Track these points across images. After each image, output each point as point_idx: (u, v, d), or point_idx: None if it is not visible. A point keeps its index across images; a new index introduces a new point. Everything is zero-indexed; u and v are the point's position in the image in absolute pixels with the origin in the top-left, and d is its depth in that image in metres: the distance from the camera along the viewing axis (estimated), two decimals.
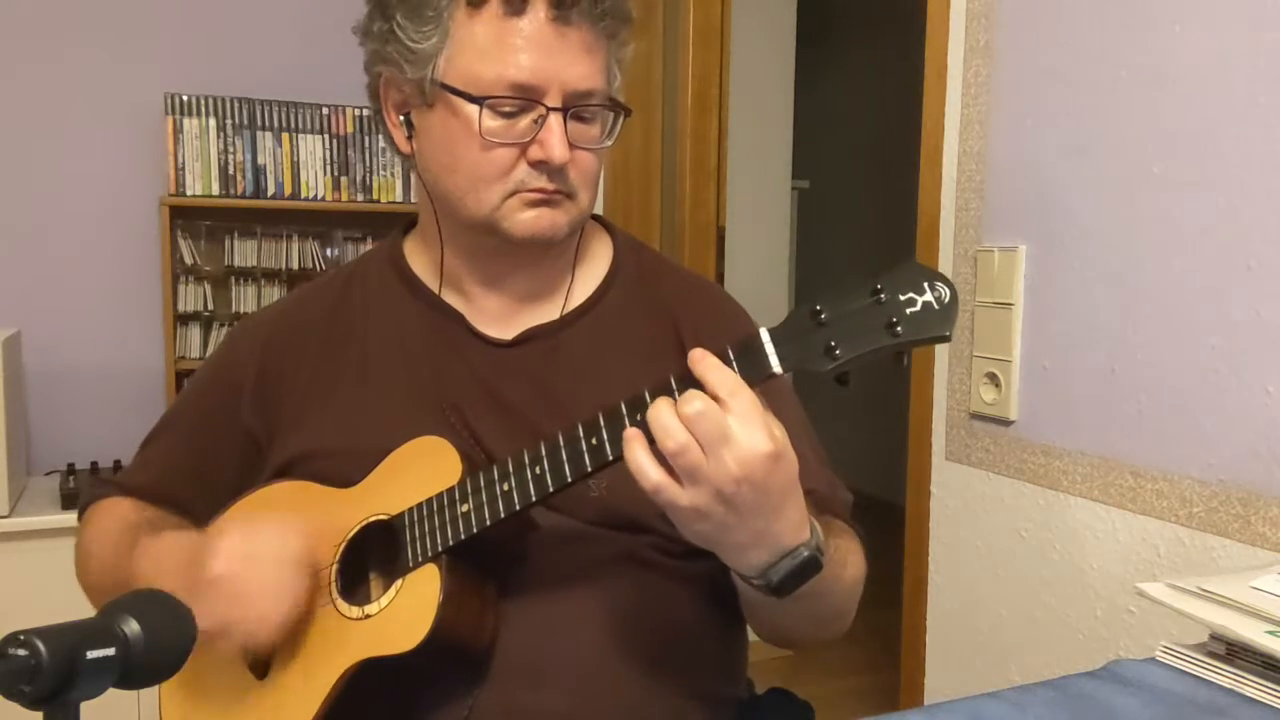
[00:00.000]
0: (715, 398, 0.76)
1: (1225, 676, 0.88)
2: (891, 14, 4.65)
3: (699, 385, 0.80)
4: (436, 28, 0.98)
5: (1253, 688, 0.86)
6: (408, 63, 0.99)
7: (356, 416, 1.05)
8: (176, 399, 1.23)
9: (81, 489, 1.98)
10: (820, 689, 1.41)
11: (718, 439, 0.76)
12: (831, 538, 0.93)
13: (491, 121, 0.97)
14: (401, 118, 1.04)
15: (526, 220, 1.00)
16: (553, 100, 0.97)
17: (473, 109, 0.97)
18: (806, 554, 0.83)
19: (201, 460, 1.13)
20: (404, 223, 1.18)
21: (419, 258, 1.13)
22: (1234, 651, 0.89)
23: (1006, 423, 1.58)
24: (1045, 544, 1.53)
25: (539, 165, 0.98)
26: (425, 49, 0.98)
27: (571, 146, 0.99)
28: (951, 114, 1.66)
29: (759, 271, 3.36)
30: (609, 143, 1.04)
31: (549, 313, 1.08)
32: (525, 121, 0.98)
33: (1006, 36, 1.56)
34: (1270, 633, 0.86)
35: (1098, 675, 0.91)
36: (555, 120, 0.97)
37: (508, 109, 0.97)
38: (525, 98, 0.97)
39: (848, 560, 0.96)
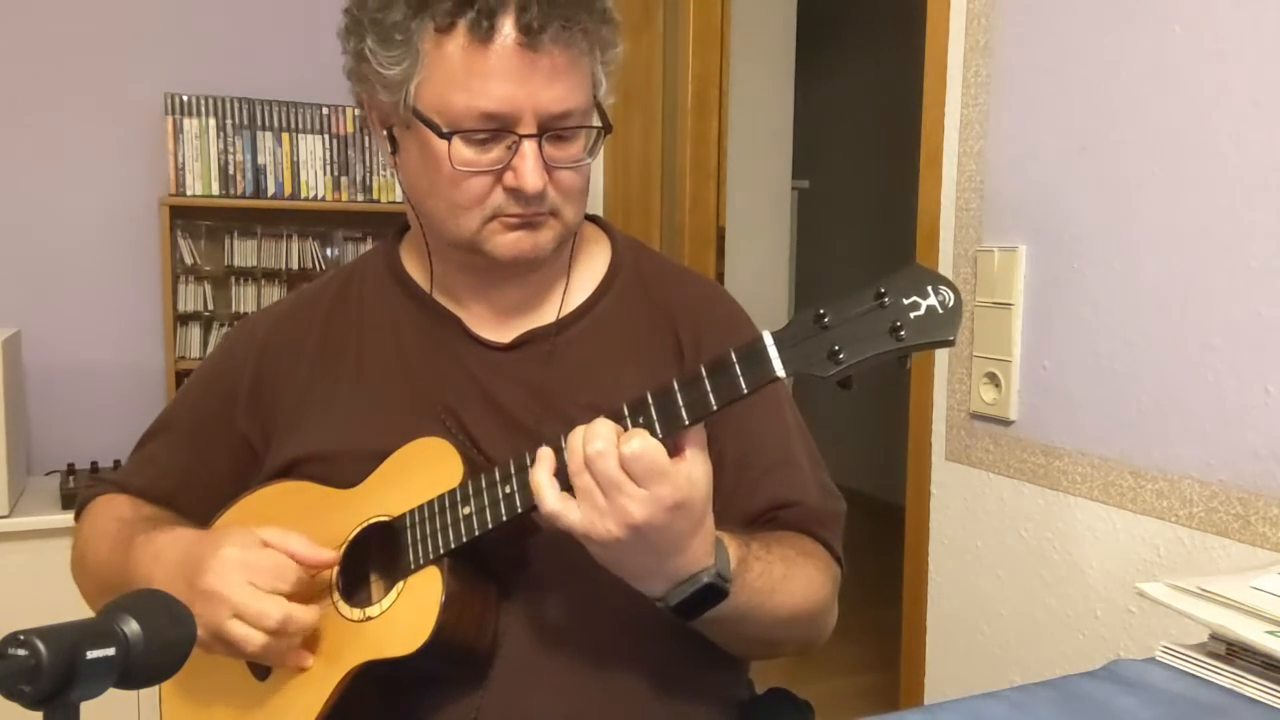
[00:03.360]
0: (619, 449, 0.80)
1: (1225, 676, 0.88)
2: (891, 14, 4.65)
3: (696, 392, 0.80)
4: (406, 52, 0.95)
5: (1253, 688, 0.86)
6: (382, 86, 0.97)
7: (353, 420, 1.05)
8: (173, 400, 1.23)
9: (80, 489, 1.98)
10: (820, 689, 1.41)
11: (612, 484, 0.80)
12: (762, 564, 0.93)
13: (464, 151, 0.96)
14: (385, 132, 1.02)
15: (508, 243, 0.99)
16: (526, 127, 0.95)
17: (444, 141, 0.95)
18: (705, 580, 0.85)
19: (196, 463, 1.13)
20: (400, 224, 1.17)
21: (414, 261, 1.13)
22: (1234, 651, 0.89)
23: (1006, 423, 1.58)
24: (1045, 544, 1.53)
25: (514, 192, 0.97)
26: (396, 75, 0.96)
27: (551, 167, 0.97)
28: (951, 114, 1.66)
29: (759, 271, 3.36)
30: (591, 160, 1.02)
31: (545, 316, 1.08)
32: (499, 149, 0.96)
33: (1006, 36, 1.55)
34: (1270, 633, 0.86)
35: (1098, 675, 0.91)
36: (529, 147, 0.95)
37: (480, 137, 0.95)
38: (497, 127, 0.95)
39: (777, 588, 0.95)
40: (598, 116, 1.01)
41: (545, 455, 0.85)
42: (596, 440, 0.81)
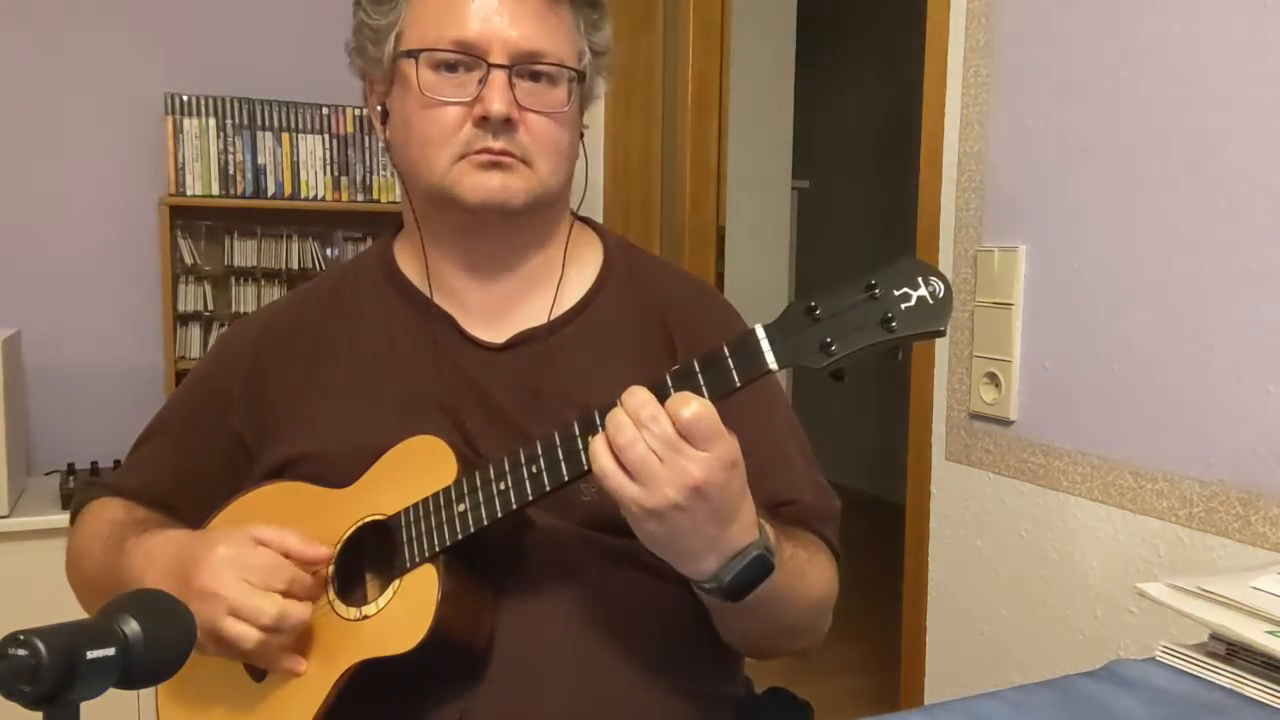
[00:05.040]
0: (673, 414, 0.79)
1: (1225, 676, 0.88)
2: (892, 14, 4.65)
3: (689, 386, 0.81)
4: (394, 7, 1.02)
5: (1253, 688, 0.86)
6: (372, 44, 1.03)
7: (347, 419, 1.05)
8: (168, 401, 1.23)
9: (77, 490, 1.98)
10: (820, 689, 1.41)
11: (670, 446, 0.79)
12: (790, 545, 0.94)
13: (431, 76, 1.00)
14: (380, 107, 1.06)
15: (476, 183, 1.01)
16: (496, 57, 0.99)
17: (415, 73, 1.00)
18: (755, 553, 0.85)
19: (190, 464, 1.13)
20: (395, 224, 1.18)
21: (408, 259, 1.13)
22: (1234, 651, 0.89)
23: (1006, 423, 1.58)
24: (1045, 544, 1.53)
25: (483, 123, 0.99)
26: (383, 24, 1.02)
27: (523, 108, 1.00)
28: (951, 114, 1.66)
29: (759, 271, 3.36)
30: (567, 109, 1.04)
31: (539, 316, 1.08)
32: (471, 83, 0.99)
33: (1006, 36, 1.56)
34: (1270, 633, 0.86)
35: (1098, 675, 0.91)
36: (498, 76, 0.98)
37: (449, 62, 0.99)
38: (467, 53, 0.99)
39: (805, 569, 0.96)
40: (589, 102, 1.06)
41: (600, 435, 0.82)
42: (646, 406, 0.80)
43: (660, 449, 0.79)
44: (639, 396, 0.81)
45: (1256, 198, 1.24)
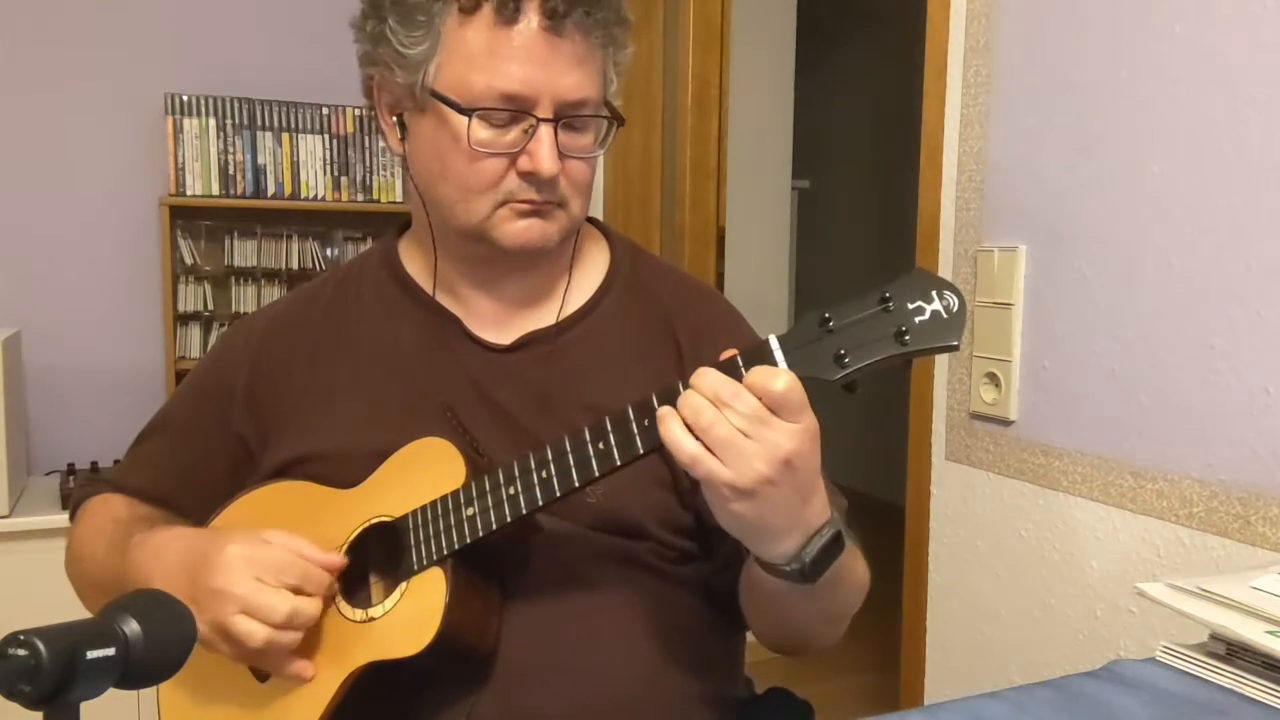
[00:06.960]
0: (761, 388, 0.77)
1: (1225, 676, 0.88)
2: (891, 14, 4.65)
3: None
4: (428, 33, 0.96)
5: (1253, 688, 0.86)
6: (399, 67, 0.98)
7: (351, 420, 1.05)
8: (169, 399, 1.23)
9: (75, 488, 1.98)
10: (820, 689, 1.41)
11: (758, 420, 0.77)
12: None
13: (481, 132, 0.96)
14: (394, 119, 1.03)
15: (517, 231, 1.00)
16: (543, 111, 0.96)
17: (462, 119, 0.96)
18: (831, 531, 0.84)
19: (192, 463, 1.13)
20: (399, 223, 1.17)
21: (414, 259, 1.12)
22: (1234, 651, 0.89)
23: (1006, 423, 1.58)
24: (1045, 544, 1.53)
25: (529, 176, 0.97)
26: (416, 55, 0.97)
27: (563, 156, 0.98)
28: (951, 114, 1.66)
29: (759, 272, 3.36)
30: (601, 151, 1.03)
31: (545, 317, 1.08)
32: (515, 132, 0.97)
33: (1006, 36, 1.56)
34: (1270, 633, 0.86)
35: (1098, 675, 0.91)
36: (546, 132, 0.96)
37: (498, 119, 0.96)
38: (515, 108, 0.96)
39: (855, 551, 0.96)
40: (608, 112, 1.02)
41: (669, 411, 0.80)
42: (726, 385, 0.78)
43: (746, 425, 0.77)
44: (712, 377, 0.79)
45: (1256, 198, 1.24)
